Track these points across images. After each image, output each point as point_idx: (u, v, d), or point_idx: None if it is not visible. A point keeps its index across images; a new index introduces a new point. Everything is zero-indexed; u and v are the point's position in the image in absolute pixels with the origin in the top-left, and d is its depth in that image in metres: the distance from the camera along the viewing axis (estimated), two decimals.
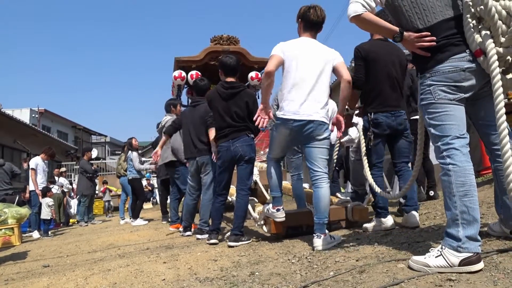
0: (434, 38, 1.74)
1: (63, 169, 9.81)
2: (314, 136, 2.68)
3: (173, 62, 7.30)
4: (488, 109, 1.83)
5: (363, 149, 2.97)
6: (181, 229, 4.45)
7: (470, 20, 1.69)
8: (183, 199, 4.94)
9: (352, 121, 3.19)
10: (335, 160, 3.58)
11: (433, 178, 4.11)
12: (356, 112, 3.12)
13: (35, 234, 6.42)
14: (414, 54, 1.86)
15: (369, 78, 2.93)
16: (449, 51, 1.72)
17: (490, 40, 1.64)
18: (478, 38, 1.67)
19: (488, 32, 1.66)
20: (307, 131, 2.66)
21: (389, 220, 2.94)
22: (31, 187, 6.68)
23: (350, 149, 4.79)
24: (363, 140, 3.00)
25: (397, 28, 1.86)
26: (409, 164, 3.08)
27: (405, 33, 1.82)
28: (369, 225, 3.04)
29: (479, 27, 1.69)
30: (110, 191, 11.60)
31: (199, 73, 6.81)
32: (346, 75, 2.70)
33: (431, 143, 1.90)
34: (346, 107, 2.96)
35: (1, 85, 58.25)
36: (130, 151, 6.82)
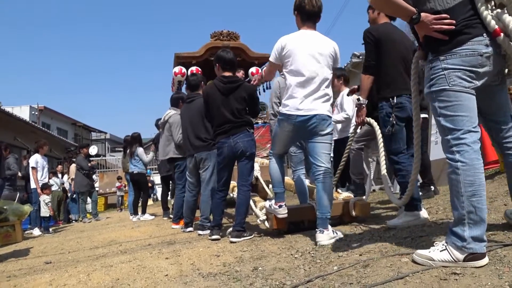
0: (454, 21, 1.64)
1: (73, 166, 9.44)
2: (317, 131, 2.65)
3: (173, 58, 7.28)
4: (498, 103, 1.77)
5: (380, 140, 2.73)
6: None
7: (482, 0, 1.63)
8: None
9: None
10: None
11: (430, 173, 3.96)
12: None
13: (36, 231, 6.44)
14: (426, 37, 1.75)
15: (382, 60, 2.74)
16: (468, 34, 1.64)
17: (510, 17, 1.57)
18: (494, 17, 1.60)
19: (500, 10, 1.61)
20: (310, 126, 2.64)
21: (424, 213, 2.65)
22: (32, 185, 6.71)
23: (350, 138, 4.73)
24: (379, 131, 2.78)
25: (414, 9, 1.72)
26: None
27: (422, 14, 1.69)
28: (398, 222, 2.64)
29: (492, 6, 1.63)
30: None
31: (199, 69, 6.78)
32: None
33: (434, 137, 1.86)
34: (358, 97, 2.83)
35: (1, 83, 58.17)
36: (137, 146, 6.85)
